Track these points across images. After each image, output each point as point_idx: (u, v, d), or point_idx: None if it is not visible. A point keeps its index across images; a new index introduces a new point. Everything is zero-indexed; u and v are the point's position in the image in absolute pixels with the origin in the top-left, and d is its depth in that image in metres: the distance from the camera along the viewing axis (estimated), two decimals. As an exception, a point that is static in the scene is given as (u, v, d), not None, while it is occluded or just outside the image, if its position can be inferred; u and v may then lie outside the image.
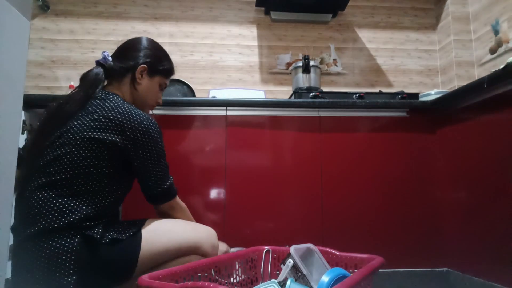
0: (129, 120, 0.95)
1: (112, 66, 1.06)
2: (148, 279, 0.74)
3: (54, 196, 0.87)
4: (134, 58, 1.08)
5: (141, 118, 0.97)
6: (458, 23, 2.20)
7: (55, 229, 0.84)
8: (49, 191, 0.87)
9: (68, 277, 0.83)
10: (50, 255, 0.82)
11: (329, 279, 0.78)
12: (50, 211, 0.85)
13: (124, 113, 0.95)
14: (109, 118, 0.93)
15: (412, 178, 1.61)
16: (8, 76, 0.53)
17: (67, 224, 0.85)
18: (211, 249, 1.05)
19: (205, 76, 2.24)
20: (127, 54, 1.09)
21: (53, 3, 2.20)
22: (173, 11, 2.28)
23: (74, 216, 0.86)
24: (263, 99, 1.63)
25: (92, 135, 0.90)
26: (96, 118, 0.92)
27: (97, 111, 0.94)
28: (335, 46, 2.35)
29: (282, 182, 1.57)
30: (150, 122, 0.99)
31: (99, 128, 0.91)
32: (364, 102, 1.63)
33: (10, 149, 0.52)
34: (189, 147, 1.56)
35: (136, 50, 1.10)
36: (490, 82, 1.22)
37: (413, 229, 1.57)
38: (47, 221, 0.84)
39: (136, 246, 0.93)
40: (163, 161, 1.03)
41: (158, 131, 1.02)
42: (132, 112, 0.96)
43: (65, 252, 0.83)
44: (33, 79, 2.12)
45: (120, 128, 0.93)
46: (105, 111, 0.94)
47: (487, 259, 1.32)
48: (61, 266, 0.82)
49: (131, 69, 1.07)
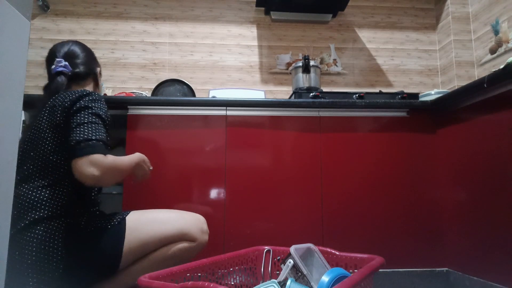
0: (70, 94, 1.00)
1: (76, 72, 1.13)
2: (148, 279, 0.74)
3: (33, 189, 0.90)
4: (93, 62, 1.21)
5: (81, 90, 1.02)
6: (458, 23, 2.20)
7: (41, 218, 0.87)
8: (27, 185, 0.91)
9: (56, 262, 0.86)
10: (38, 242, 0.85)
11: (329, 279, 0.78)
12: (34, 203, 0.88)
13: (68, 93, 1.01)
14: (55, 105, 0.99)
15: (412, 178, 1.61)
16: (8, 76, 0.53)
17: (52, 211, 0.89)
18: (200, 234, 1.05)
19: (205, 76, 2.24)
20: (89, 59, 1.21)
21: (53, 3, 2.20)
22: (173, 11, 2.28)
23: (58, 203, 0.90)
24: (263, 99, 1.63)
25: (46, 125, 0.97)
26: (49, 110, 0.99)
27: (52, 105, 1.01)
28: (335, 46, 2.35)
29: (282, 182, 1.57)
30: (89, 91, 1.03)
31: (49, 118, 0.98)
32: (364, 102, 1.63)
33: (10, 149, 0.52)
34: (189, 147, 1.56)
35: (92, 54, 1.24)
36: (490, 82, 1.23)
37: (413, 229, 1.57)
38: (33, 213, 0.87)
39: (120, 234, 0.95)
40: (98, 121, 0.97)
41: (97, 97, 1.03)
42: (74, 91, 1.02)
43: (51, 237, 0.86)
44: (33, 79, 2.12)
45: (63, 105, 0.98)
46: (55, 100, 1.01)
47: (487, 259, 1.32)
48: (49, 251, 0.85)
49: (93, 72, 1.19)
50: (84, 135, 0.91)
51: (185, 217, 1.07)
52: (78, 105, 0.97)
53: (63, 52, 1.12)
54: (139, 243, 0.97)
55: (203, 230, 1.08)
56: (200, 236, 1.05)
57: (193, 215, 1.10)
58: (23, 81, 0.63)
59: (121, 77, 2.19)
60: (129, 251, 0.95)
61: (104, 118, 1.00)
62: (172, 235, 1.01)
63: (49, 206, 0.89)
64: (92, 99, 1.00)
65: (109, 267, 0.95)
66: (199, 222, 1.08)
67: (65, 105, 0.97)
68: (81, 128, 0.92)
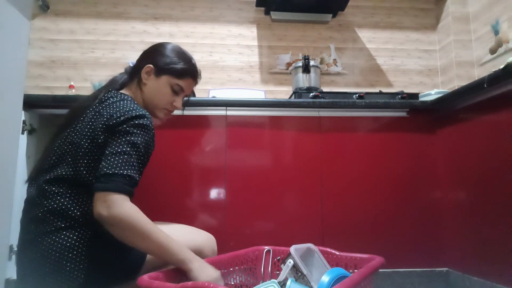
0: (118, 111, 0.90)
1: (128, 69, 1.07)
2: (148, 279, 0.74)
3: (62, 194, 0.87)
4: (146, 60, 1.05)
5: (129, 108, 0.91)
6: (458, 23, 2.20)
7: (69, 226, 0.84)
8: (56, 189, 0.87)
9: (78, 271, 0.83)
10: (61, 249, 0.82)
11: (329, 279, 0.78)
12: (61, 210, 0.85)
13: (116, 108, 0.91)
14: (103, 114, 0.91)
15: (412, 178, 1.61)
16: (8, 76, 0.53)
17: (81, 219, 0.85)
18: (211, 254, 1.06)
19: (205, 76, 2.23)
20: (144, 56, 1.09)
21: (53, 3, 2.20)
22: (173, 11, 2.28)
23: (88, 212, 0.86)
24: (263, 99, 1.63)
25: (89, 133, 0.90)
26: (93, 117, 0.92)
27: (97, 111, 0.94)
28: (335, 46, 2.35)
29: (282, 182, 1.57)
30: (138, 112, 0.91)
31: (92, 127, 0.90)
32: (364, 102, 1.63)
33: (10, 149, 0.52)
34: (189, 147, 1.56)
35: (153, 52, 1.08)
36: (490, 82, 1.22)
37: (413, 229, 1.57)
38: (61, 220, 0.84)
39: None
40: (132, 152, 0.87)
41: (144, 123, 0.91)
42: (124, 104, 0.92)
43: (76, 245, 0.83)
44: (33, 79, 2.12)
45: (109, 123, 0.89)
46: (103, 110, 0.93)
47: (487, 259, 1.32)
48: (72, 259, 0.82)
49: (140, 70, 1.04)
50: (112, 168, 0.82)
51: (201, 234, 1.08)
52: (121, 128, 0.88)
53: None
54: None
55: (214, 250, 1.08)
56: (211, 256, 1.05)
57: (206, 234, 1.11)
58: (23, 81, 0.63)
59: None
60: (150, 259, 0.95)
61: (141, 148, 0.88)
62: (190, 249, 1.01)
63: (76, 214, 0.85)
64: (137, 124, 0.89)
65: (129, 274, 0.93)
66: (212, 243, 1.09)
67: (110, 123, 0.89)
68: (112, 158, 0.84)
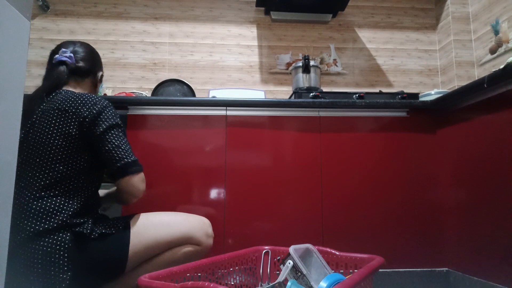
0: (85, 107, 0.97)
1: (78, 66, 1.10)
2: (148, 279, 0.74)
3: (38, 198, 0.87)
4: (99, 66, 1.20)
5: (96, 99, 1.01)
6: (458, 23, 2.20)
7: (47, 230, 0.85)
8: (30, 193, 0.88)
9: (63, 274, 0.84)
10: (44, 255, 0.83)
11: (327, 284, 0.78)
12: (38, 213, 0.86)
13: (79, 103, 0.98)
14: (67, 111, 0.95)
15: (412, 178, 1.61)
16: (8, 76, 0.53)
17: (58, 223, 0.86)
18: (205, 238, 1.05)
19: (205, 76, 2.24)
20: (96, 62, 1.18)
21: (53, 3, 2.20)
22: (173, 11, 2.28)
23: (63, 214, 0.87)
24: (263, 99, 1.63)
25: (56, 131, 0.92)
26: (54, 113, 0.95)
27: (53, 106, 0.96)
28: (335, 46, 2.35)
29: (282, 182, 1.57)
30: (105, 101, 1.02)
31: (60, 124, 0.93)
32: (364, 102, 1.63)
33: (10, 149, 0.52)
34: (189, 147, 1.56)
35: (100, 60, 1.22)
36: (490, 82, 1.23)
37: (413, 229, 1.57)
38: (38, 224, 0.85)
39: (125, 240, 0.94)
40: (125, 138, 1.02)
41: (113, 109, 1.04)
42: (85, 96, 1.00)
43: (57, 250, 0.84)
44: (33, 79, 2.12)
45: (78, 114, 0.95)
46: (63, 104, 0.96)
47: (487, 259, 1.32)
48: (55, 264, 0.83)
49: (94, 73, 1.17)
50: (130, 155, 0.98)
51: (190, 220, 1.06)
52: (106, 123, 0.97)
53: (71, 47, 1.11)
54: (144, 247, 0.96)
55: (208, 234, 1.06)
56: (205, 240, 1.04)
57: (198, 218, 1.09)
58: (23, 81, 0.63)
59: (121, 77, 2.19)
60: (134, 255, 0.95)
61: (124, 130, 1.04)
62: (177, 238, 1.00)
63: (54, 217, 0.86)
64: (113, 113, 1.01)
65: (115, 272, 0.94)
66: (204, 226, 1.07)
67: (82, 116, 0.95)
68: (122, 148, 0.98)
